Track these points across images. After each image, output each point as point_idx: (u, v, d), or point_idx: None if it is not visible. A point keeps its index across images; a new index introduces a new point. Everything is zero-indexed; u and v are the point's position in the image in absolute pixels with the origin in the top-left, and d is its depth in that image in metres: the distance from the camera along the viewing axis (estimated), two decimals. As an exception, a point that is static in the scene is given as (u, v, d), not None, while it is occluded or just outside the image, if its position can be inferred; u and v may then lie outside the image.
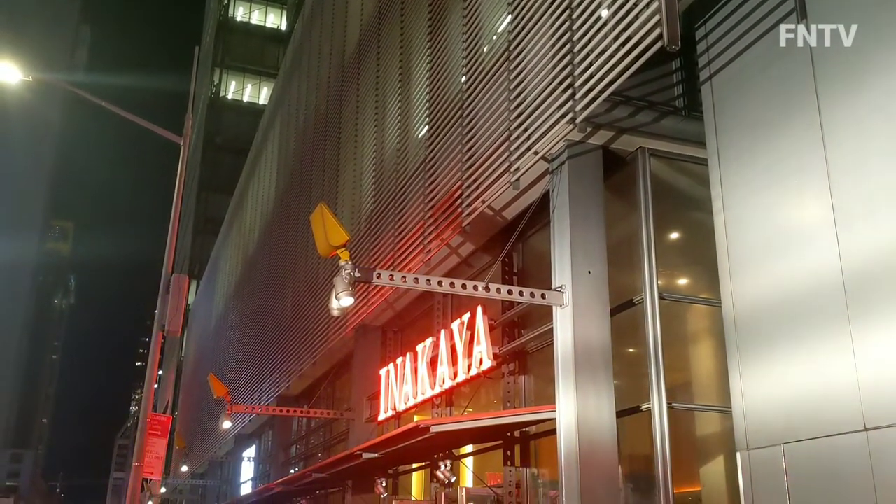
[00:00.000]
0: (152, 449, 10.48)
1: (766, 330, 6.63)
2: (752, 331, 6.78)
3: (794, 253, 6.42)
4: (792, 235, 6.50)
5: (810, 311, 6.16)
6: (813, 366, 6.06)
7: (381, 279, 8.09)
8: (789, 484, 6.15)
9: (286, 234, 23.77)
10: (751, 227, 6.98)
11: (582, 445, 7.87)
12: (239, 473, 30.78)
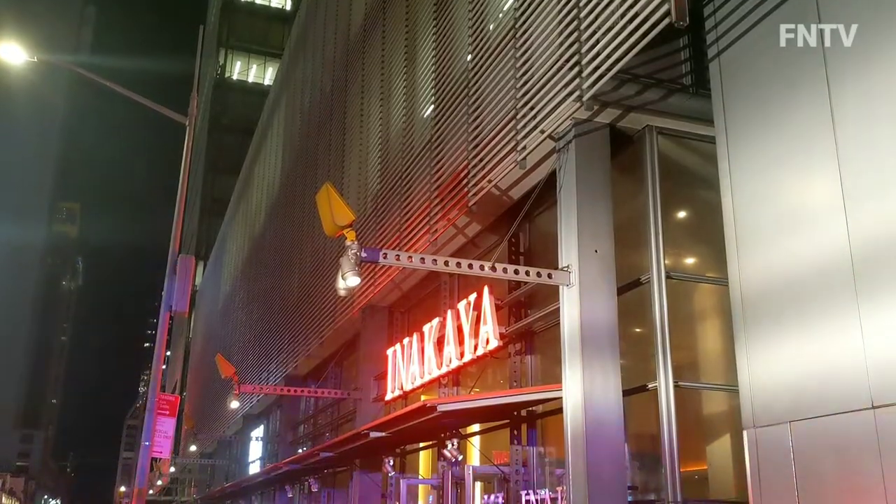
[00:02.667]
0: (161, 428, 10.55)
1: (774, 308, 6.60)
2: (759, 309, 6.76)
3: (802, 231, 6.38)
4: (800, 214, 6.46)
5: (818, 289, 6.13)
6: (820, 344, 6.04)
7: (388, 259, 8.09)
8: (796, 461, 6.15)
9: (292, 214, 23.77)
10: (759, 205, 6.94)
11: (588, 424, 7.88)
12: (247, 453, 31.00)
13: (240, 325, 32.21)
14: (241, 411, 27.51)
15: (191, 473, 48.62)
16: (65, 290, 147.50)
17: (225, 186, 54.94)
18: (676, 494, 7.79)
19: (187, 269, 10.53)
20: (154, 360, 10.70)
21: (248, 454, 30.73)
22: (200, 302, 51.66)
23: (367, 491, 15.11)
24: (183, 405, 39.73)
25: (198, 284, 52.40)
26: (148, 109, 13.98)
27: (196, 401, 43.72)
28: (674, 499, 7.79)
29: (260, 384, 23.72)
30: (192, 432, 38.39)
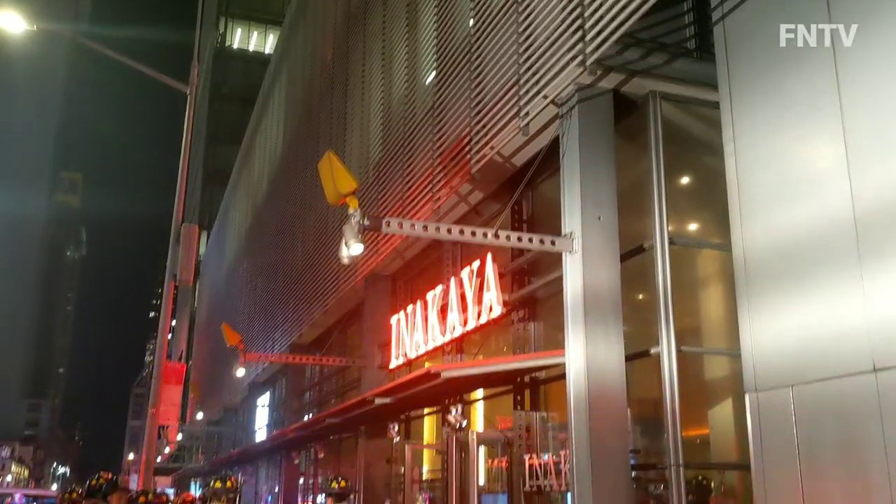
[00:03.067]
0: (167, 396, 10.65)
1: (777, 273, 6.61)
2: (762, 274, 6.76)
3: (805, 195, 6.36)
4: (804, 178, 6.43)
5: (821, 253, 6.13)
6: (823, 308, 6.05)
7: (391, 227, 8.09)
8: (797, 425, 6.19)
9: (295, 183, 23.73)
10: (763, 170, 6.91)
11: (591, 389, 7.94)
12: (253, 420, 31.31)
13: (244, 295, 32.33)
14: (247, 379, 27.72)
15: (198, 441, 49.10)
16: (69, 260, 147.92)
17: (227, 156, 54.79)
18: (678, 458, 7.86)
19: (191, 238, 10.56)
20: (159, 329, 10.77)
21: (255, 421, 31.03)
22: (204, 272, 51.80)
23: (373, 456, 15.28)
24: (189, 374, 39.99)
25: (201, 254, 52.49)
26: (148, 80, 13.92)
27: (202, 369, 44.04)
28: (675, 462, 7.87)
29: (265, 352, 23.88)
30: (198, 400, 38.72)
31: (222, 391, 34.95)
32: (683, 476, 7.88)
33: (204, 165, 66.16)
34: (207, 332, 43.46)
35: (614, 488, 7.78)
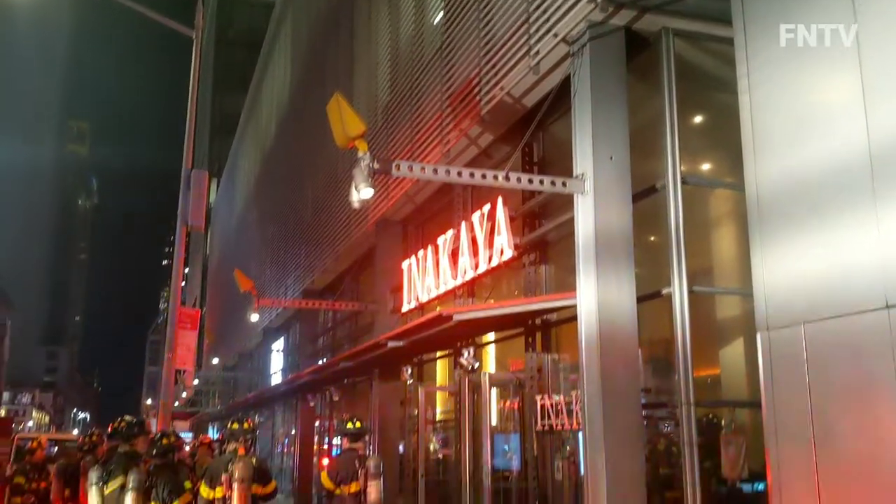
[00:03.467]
0: (183, 341, 10.78)
1: (790, 210, 6.55)
2: (775, 212, 6.71)
3: (820, 131, 6.26)
4: (819, 114, 6.32)
5: (836, 189, 6.07)
6: (836, 245, 6.02)
7: (401, 170, 8.04)
8: (809, 362, 6.21)
9: (303, 128, 23.59)
10: (777, 106, 6.79)
11: (602, 330, 7.97)
12: (268, 365, 31.72)
13: (256, 242, 32.46)
14: (261, 325, 28.01)
15: (214, 385, 49.97)
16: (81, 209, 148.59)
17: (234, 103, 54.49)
18: (689, 397, 7.93)
19: (201, 184, 10.54)
20: (173, 275, 10.84)
21: (270, 366, 31.44)
22: (215, 219, 51.96)
23: (387, 399, 15.48)
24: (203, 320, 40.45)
25: (212, 202, 52.59)
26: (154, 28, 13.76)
27: (216, 316, 44.52)
28: (686, 401, 7.94)
29: (278, 298, 24.07)
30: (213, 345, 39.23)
31: (237, 337, 35.37)
32: (694, 414, 7.96)
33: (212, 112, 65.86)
34: (220, 279, 43.81)
35: (625, 427, 7.87)
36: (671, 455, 8.75)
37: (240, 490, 6.40)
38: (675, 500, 8.23)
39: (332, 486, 7.27)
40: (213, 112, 65.76)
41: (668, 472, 8.73)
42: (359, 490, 7.18)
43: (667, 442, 8.98)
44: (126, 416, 7.87)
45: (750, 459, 8.12)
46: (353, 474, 7.20)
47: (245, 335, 32.88)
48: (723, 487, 8.28)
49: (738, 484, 8.26)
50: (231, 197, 44.26)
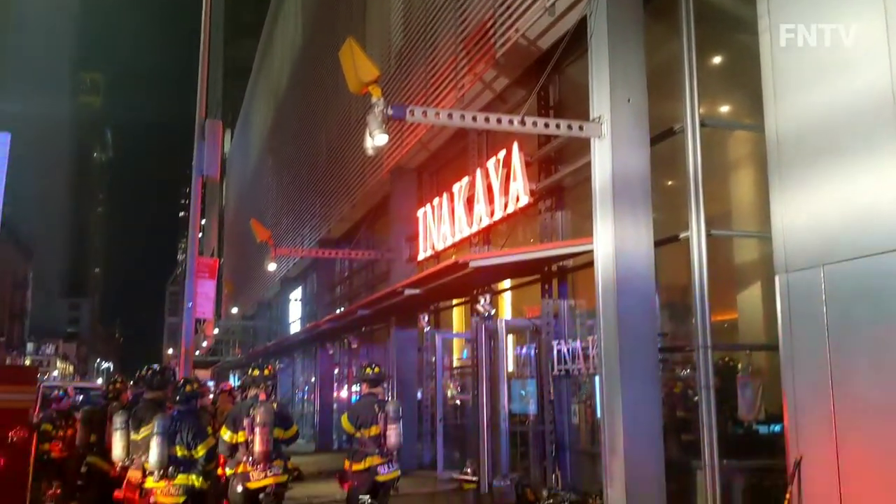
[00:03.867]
0: (202, 290, 10.86)
1: (810, 152, 6.46)
2: (795, 153, 6.62)
3: (842, 72, 6.13)
4: (841, 54, 6.18)
5: (857, 131, 5.97)
6: (856, 186, 5.94)
7: (415, 116, 7.96)
8: (827, 304, 6.19)
9: (315, 76, 23.39)
10: (798, 46, 6.63)
11: (619, 275, 7.96)
12: (287, 314, 32.03)
13: (271, 191, 32.49)
14: (279, 274, 28.21)
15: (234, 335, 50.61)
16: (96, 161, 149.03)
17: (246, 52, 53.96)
18: (706, 340, 7.94)
19: (215, 133, 10.50)
20: (190, 223, 10.90)
21: (288, 315, 31.75)
22: (230, 170, 51.99)
23: (404, 346, 15.63)
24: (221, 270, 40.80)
25: (226, 152, 52.55)
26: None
27: (233, 266, 44.88)
28: (703, 344, 7.95)
29: (295, 247, 24.19)
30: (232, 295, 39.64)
31: (255, 286, 35.68)
32: (711, 358, 7.98)
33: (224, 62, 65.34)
34: (237, 230, 44.03)
35: (642, 370, 7.91)
36: (687, 398, 8.81)
37: (261, 434, 6.52)
38: (692, 443, 8.32)
39: (353, 429, 7.39)
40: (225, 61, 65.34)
41: (685, 415, 8.80)
42: (378, 433, 7.30)
43: (683, 385, 9.04)
44: (153, 365, 8.02)
45: (766, 402, 8.16)
46: (372, 418, 7.30)
47: (263, 285, 33.15)
48: (739, 429, 8.35)
49: (754, 426, 8.32)
50: (245, 146, 44.19)
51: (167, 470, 6.33)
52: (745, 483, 8.16)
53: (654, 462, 7.76)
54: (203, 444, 6.53)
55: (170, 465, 6.36)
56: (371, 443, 7.34)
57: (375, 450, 7.31)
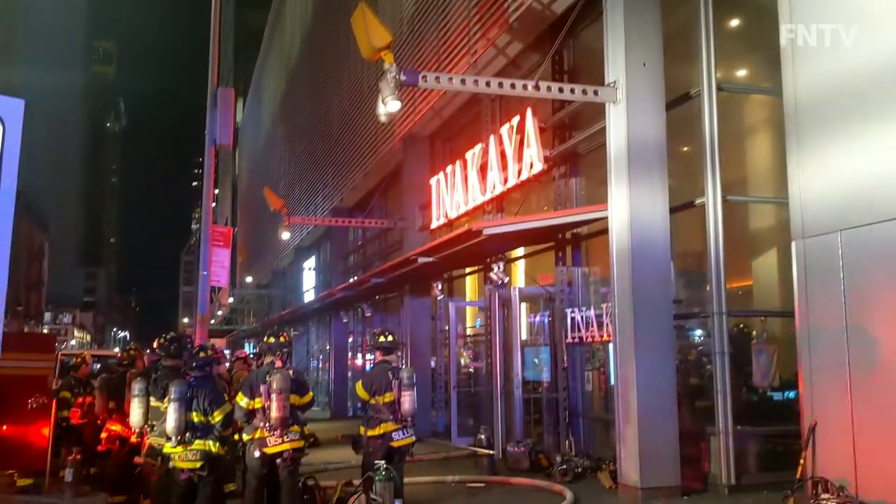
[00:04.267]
0: (216, 259, 10.90)
1: (829, 116, 6.37)
2: (813, 118, 6.53)
3: (864, 34, 6.02)
4: (862, 16, 6.07)
5: (877, 94, 5.88)
6: (876, 151, 5.87)
7: (428, 81, 7.90)
8: (845, 269, 6.15)
9: (327, 44, 23.22)
10: (818, 7, 6.52)
11: (634, 242, 7.91)
12: (301, 282, 32.16)
13: (284, 160, 32.47)
14: (293, 243, 28.29)
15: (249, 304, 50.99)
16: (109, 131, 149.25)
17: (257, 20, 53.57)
18: (721, 306, 7.92)
19: (227, 102, 10.46)
20: (203, 192, 10.91)
21: (302, 284, 31.88)
22: (243, 139, 51.95)
23: (418, 314, 15.66)
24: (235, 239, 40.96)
25: (239, 121, 52.47)
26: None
27: (247, 235, 45.03)
28: (718, 310, 7.92)
29: (308, 216, 24.21)
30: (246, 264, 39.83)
31: (269, 255, 35.82)
32: (726, 324, 7.96)
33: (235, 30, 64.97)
34: (250, 199, 44.12)
35: (656, 338, 7.90)
36: (702, 365, 8.81)
37: (278, 400, 6.56)
38: (706, 409, 8.33)
39: (367, 396, 7.43)
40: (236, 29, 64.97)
41: (699, 381, 8.80)
42: (393, 400, 7.33)
43: (697, 352, 9.03)
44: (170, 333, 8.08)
45: (781, 368, 8.15)
46: (386, 385, 7.33)
47: (277, 254, 33.27)
48: (753, 396, 8.35)
49: (768, 392, 8.32)
50: (257, 115, 44.09)
51: (184, 435, 6.40)
52: (759, 448, 8.18)
53: (668, 428, 7.79)
54: (219, 410, 6.58)
55: (186, 431, 6.43)
56: (385, 409, 7.38)
57: (390, 416, 7.35)
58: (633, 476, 7.70)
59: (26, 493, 9.25)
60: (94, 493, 9.10)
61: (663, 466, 7.72)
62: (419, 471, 9.61)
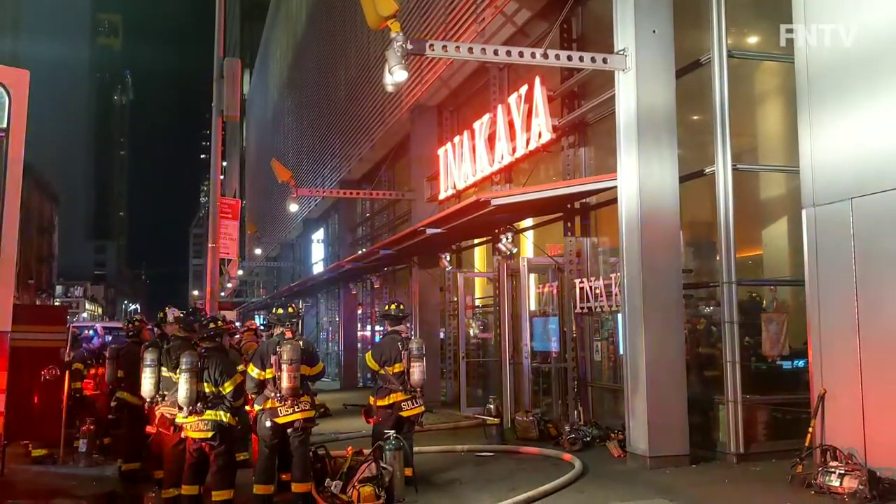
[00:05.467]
0: (225, 231, 10.91)
1: (842, 82, 6.29)
2: (826, 84, 6.45)
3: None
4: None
5: (892, 59, 5.79)
6: (889, 118, 5.80)
7: (435, 50, 7.83)
8: (855, 238, 6.11)
9: (333, 12, 23.04)
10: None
11: (644, 211, 7.87)
12: (310, 255, 32.22)
13: (291, 132, 32.38)
14: (301, 215, 28.30)
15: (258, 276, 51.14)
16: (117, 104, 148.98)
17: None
18: (731, 276, 7.89)
19: (234, 73, 10.39)
20: (211, 163, 10.89)
21: (311, 256, 31.94)
22: (250, 111, 51.78)
23: (426, 285, 15.70)
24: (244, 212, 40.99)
25: (246, 93, 52.23)
26: None
27: (255, 207, 45.07)
28: (728, 280, 7.90)
29: (316, 188, 24.19)
30: (255, 236, 39.87)
31: (277, 227, 35.88)
32: (736, 293, 7.94)
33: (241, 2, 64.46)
34: (258, 171, 44.10)
35: (665, 307, 7.88)
36: (711, 335, 8.81)
37: (288, 371, 6.59)
38: (714, 379, 8.35)
39: (377, 366, 7.46)
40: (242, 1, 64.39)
41: (708, 351, 8.81)
42: (402, 370, 7.37)
43: (707, 322, 9.02)
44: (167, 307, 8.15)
45: (790, 337, 8.14)
46: (396, 355, 7.36)
47: (285, 226, 33.30)
48: (762, 365, 8.35)
49: (777, 361, 8.32)
50: (264, 87, 43.90)
51: (196, 406, 6.45)
52: (768, 417, 8.20)
53: (676, 398, 7.80)
54: (230, 380, 6.62)
55: (198, 402, 6.47)
56: (395, 379, 7.42)
57: (399, 386, 7.39)
58: (642, 445, 7.74)
59: (41, 463, 9.39)
60: (107, 462, 9.23)
61: (672, 435, 7.75)
62: (429, 440, 9.68)
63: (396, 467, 6.74)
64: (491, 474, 7.98)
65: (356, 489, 6.37)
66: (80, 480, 8.42)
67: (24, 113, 3.30)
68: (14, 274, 3.09)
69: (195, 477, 6.62)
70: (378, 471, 6.59)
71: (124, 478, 8.15)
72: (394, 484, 6.67)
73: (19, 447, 9.37)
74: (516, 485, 7.22)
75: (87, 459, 9.29)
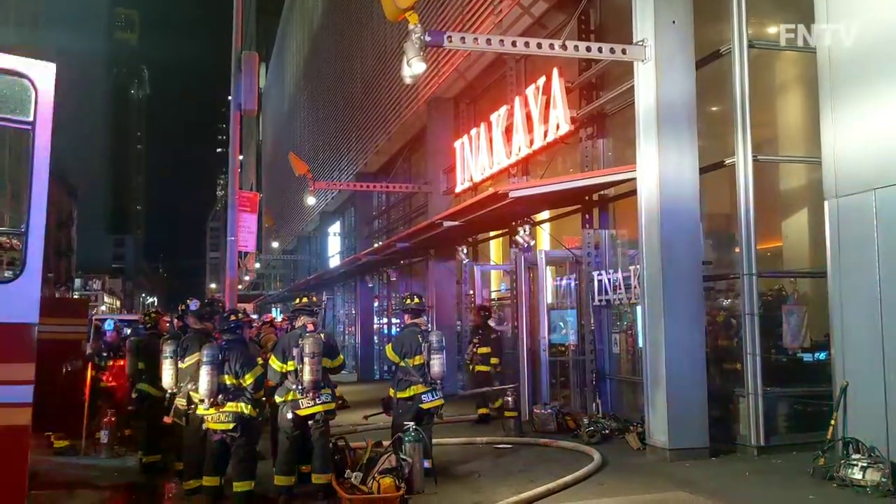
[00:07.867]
0: (244, 224, 10.93)
1: (865, 71, 6.22)
2: (848, 73, 6.38)
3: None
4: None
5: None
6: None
7: (453, 42, 7.81)
8: (879, 229, 6.05)
9: (350, 4, 23.03)
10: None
11: (663, 203, 7.83)
12: (326, 247, 32.33)
13: (308, 125, 32.46)
14: (318, 208, 28.38)
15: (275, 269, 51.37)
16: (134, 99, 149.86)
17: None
18: (752, 267, 7.84)
19: (251, 66, 10.40)
20: (230, 155, 10.91)
21: (328, 249, 32.05)
22: (266, 105, 51.93)
23: (443, 278, 15.70)
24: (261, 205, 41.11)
25: (262, 87, 52.37)
26: None
27: (272, 200, 45.22)
28: (748, 271, 7.85)
29: (332, 181, 24.25)
30: (272, 230, 40.03)
31: (294, 220, 36.00)
32: (756, 285, 7.89)
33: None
34: (275, 165, 44.27)
35: (685, 299, 7.84)
36: (731, 327, 8.75)
37: (311, 364, 6.63)
38: (735, 371, 8.30)
39: (398, 358, 7.49)
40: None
41: (728, 343, 8.76)
42: (422, 363, 7.38)
43: (727, 314, 8.96)
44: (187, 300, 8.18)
45: (811, 329, 8.08)
46: (416, 348, 7.37)
47: (302, 219, 33.41)
48: (783, 357, 8.30)
49: (798, 353, 8.26)
50: (281, 80, 44.02)
51: (217, 398, 6.49)
52: (789, 410, 8.15)
53: (697, 390, 7.77)
54: (251, 372, 6.66)
55: (219, 394, 6.52)
56: (415, 372, 7.44)
57: (419, 379, 7.40)
58: (662, 437, 7.72)
59: (63, 454, 9.49)
60: (128, 454, 9.32)
61: (692, 428, 7.72)
62: (448, 432, 9.70)
63: (416, 459, 6.77)
64: (510, 466, 7.99)
65: (376, 480, 6.40)
66: (102, 471, 8.50)
67: (50, 107, 3.31)
68: (41, 268, 3.12)
69: (216, 468, 6.68)
70: (398, 462, 6.61)
71: (146, 469, 8.23)
72: (413, 475, 6.70)
73: (41, 438, 9.48)
74: (535, 477, 7.22)
75: (108, 451, 9.39)
